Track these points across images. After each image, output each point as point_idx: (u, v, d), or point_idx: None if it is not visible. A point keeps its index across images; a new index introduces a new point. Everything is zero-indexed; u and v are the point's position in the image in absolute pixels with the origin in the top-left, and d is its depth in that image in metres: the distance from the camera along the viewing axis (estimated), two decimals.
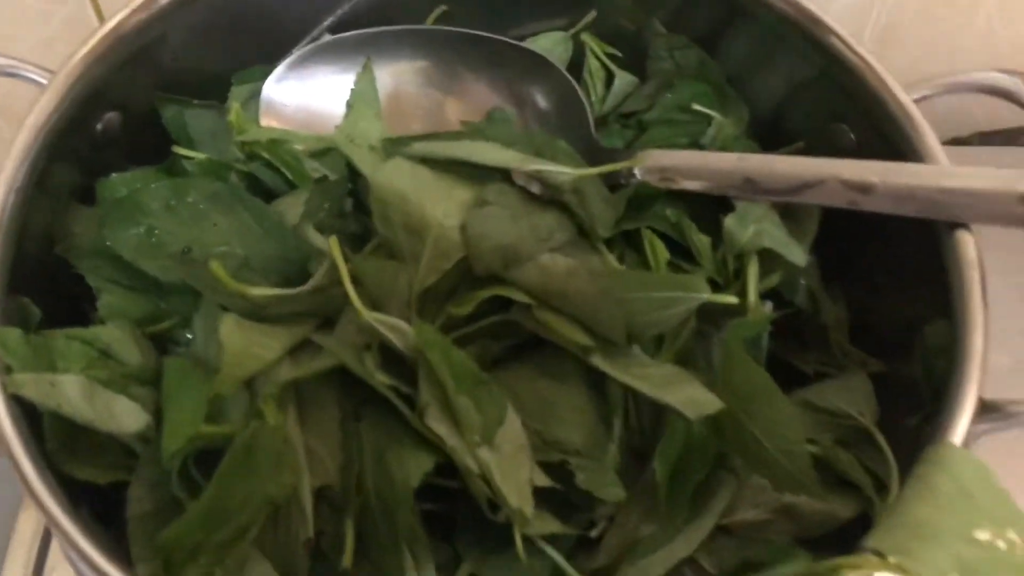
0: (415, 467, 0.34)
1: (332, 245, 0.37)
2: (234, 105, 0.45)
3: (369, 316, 0.36)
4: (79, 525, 0.32)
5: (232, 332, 0.35)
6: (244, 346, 0.35)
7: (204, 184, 0.41)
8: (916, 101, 0.41)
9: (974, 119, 0.73)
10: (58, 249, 0.41)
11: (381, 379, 0.35)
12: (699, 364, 0.41)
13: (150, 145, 0.46)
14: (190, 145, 0.46)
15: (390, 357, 0.37)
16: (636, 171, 0.42)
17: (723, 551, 0.39)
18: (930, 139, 0.40)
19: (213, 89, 0.47)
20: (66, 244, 0.41)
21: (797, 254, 0.43)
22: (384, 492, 0.34)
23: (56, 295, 0.40)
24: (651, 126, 0.49)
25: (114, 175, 0.43)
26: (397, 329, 0.36)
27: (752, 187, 0.40)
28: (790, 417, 0.36)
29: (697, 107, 0.47)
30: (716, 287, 0.43)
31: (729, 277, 0.44)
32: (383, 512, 0.34)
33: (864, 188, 0.38)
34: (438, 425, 0.34)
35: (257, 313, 0.37)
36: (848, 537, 0.38)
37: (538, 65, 0.48)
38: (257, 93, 0.47)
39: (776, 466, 0.36)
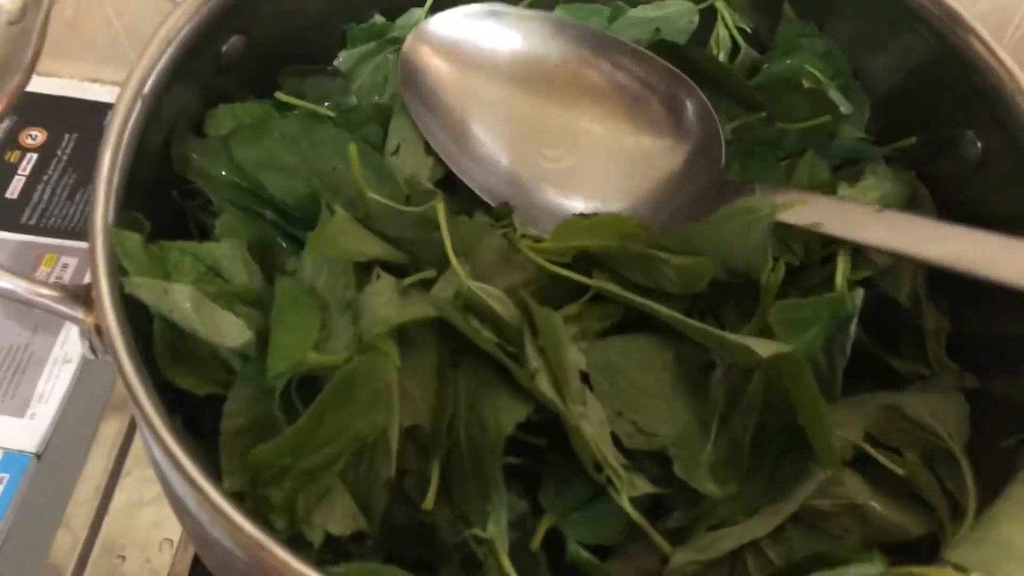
0: (509, 416, 0.35)
1: (438, 211, 0.38)
2: None
3: (472, 284, 0.37)
4: (171, 428, 0.32)
5: (343, 221, 0.37)
6: (352, 241, 0.37)
7: (329, 129, 0.42)
8: None
9: None
10: (177, 169, 0.42)
11: (488, 336, 0.36)
12: None
13: (267, 78, 0.46)
14: None
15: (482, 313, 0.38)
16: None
17: (791, 542, 0.39)
18: None
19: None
20: (185, 166, 0.42)
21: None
22: (476, 437, 0.35)
23: (163, 217, 0.41)
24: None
25: (221, 106, 0.44)
26: (498, 299, 0.37)
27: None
28: (815, 394, 0.36)
29: (811, 70, 0.47)
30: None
31: (814, 260, 0.43)
32: (472, 457, 0.35)
33: None
34: (550, 390, 0.35)
35: (364, 222, 0.39)
36: (909, 552, 0.38)
37: (676, 81, 0.46)
38: (371, 55, 0.48)
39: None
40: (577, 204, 0.45)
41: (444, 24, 0.47)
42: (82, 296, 0.35)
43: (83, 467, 0.55)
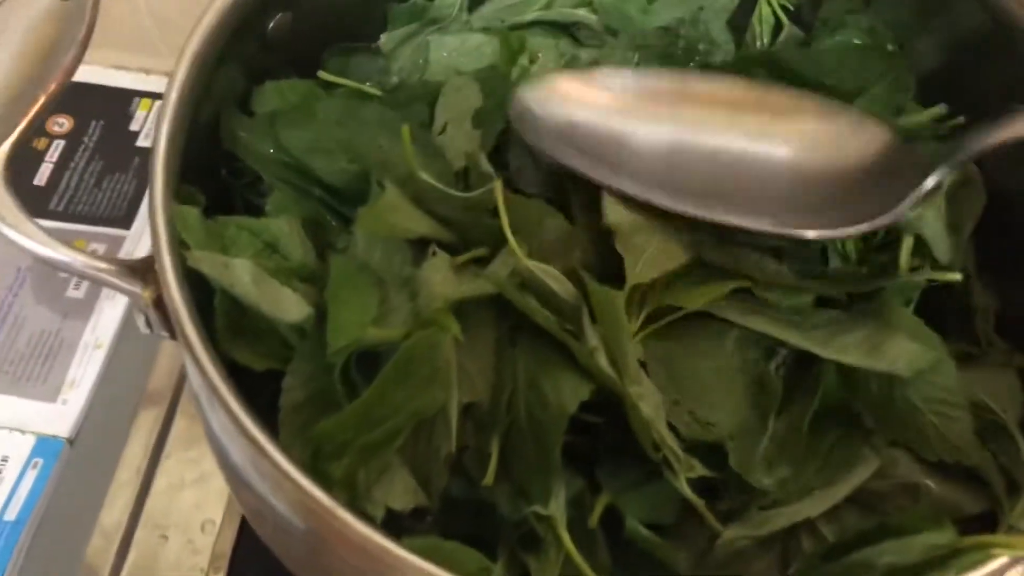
0: (571, 393, 0.34)
1: (497, 195, 0.38)
2: None
3: (529, 263, 0.37)
4: (238, 395, 0.32)
5: (394, 198, 0.37)
6: (402, 218, 0.37)
7: (375, 108, 0.42)
8: None
9: None
10: (227, 146, 0.41)
11: (546, 314, 0.36)
12: None
13: (310, 57, 0.46)
14: None
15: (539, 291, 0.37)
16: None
17: (845, 520, 0.39)
18: None
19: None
20: (234, 143, 0.42)
21: (943, 250, 0.42)
22: (537, 414, 0.35)
23: (214, 192, 0.41)
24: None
25: (267, 83, 0.44)
26: (556, 278, 0.37)
27: None
28: (953, 379, 0.36)
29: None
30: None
31: (871, 247, 0.43)
32: (534, 434, 0.35)
33: None
34: (609, 368, 0.35)
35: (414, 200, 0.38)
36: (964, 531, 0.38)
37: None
38: (411, 36, 0.48)
39: (927, 428, 0.36)
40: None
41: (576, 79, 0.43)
42: (139, 270, 0.35)
43: (120, 451, 0.55)
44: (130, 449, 0.54)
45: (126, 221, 0.69)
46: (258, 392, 0.36)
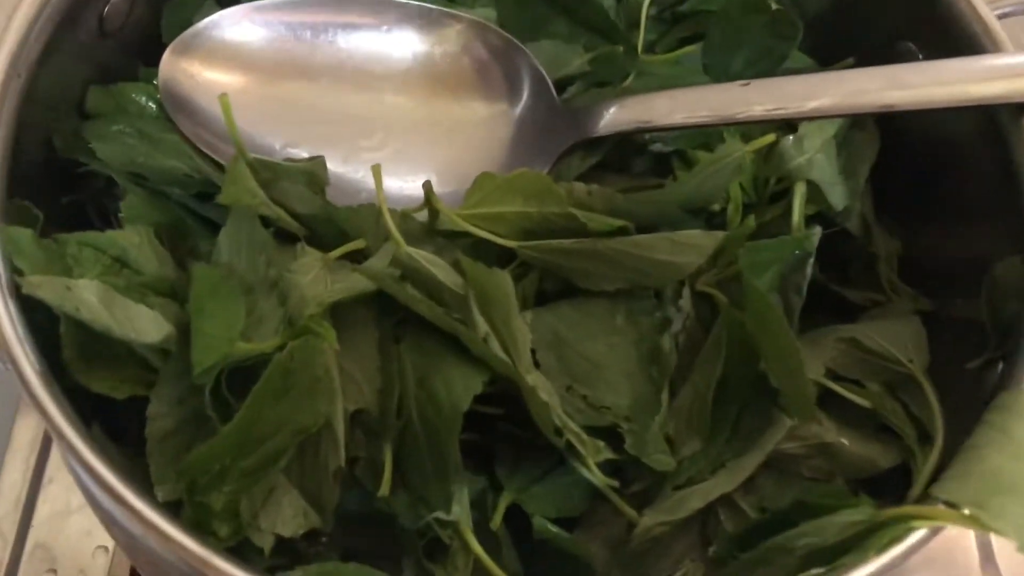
0: (464, 388, 0.32)
1: (375, 172, 0.36)
2: None
3: (411, 251, 0.35)
4: (89, 440, 0.29)
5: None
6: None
7: None
8: (1000, 17, 0.38)
9: None
10: (65, 154, 0.38)
11: (432, 304, 0.33)
12: None
13: (155, 41, 0.42)
14: None
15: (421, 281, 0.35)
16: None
17: (762, 490, 0.37)
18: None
19: None
20: (74, 148, 0.38)
21: (838, 195, 0.41)
22: (429, 415, 0.32)
23: (58, 203, 0.38)
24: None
25: (93, 88, 0.40)
26: (440, 265, 0.35)
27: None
28: (792, 346, 0.34)
29: None
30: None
31: (764, 197, 0.42)
32: (428, 436, 0.32)
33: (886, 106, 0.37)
34: (502, 354, 0.33)
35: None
36: (884, 482, 0.37)
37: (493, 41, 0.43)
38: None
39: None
40: (412, 185, 0.41)
41: (218, 26, 0.41)
42: None
43: None
44: (7, 476, 0.50)
45: None
46: (130, 415, 0.33)
